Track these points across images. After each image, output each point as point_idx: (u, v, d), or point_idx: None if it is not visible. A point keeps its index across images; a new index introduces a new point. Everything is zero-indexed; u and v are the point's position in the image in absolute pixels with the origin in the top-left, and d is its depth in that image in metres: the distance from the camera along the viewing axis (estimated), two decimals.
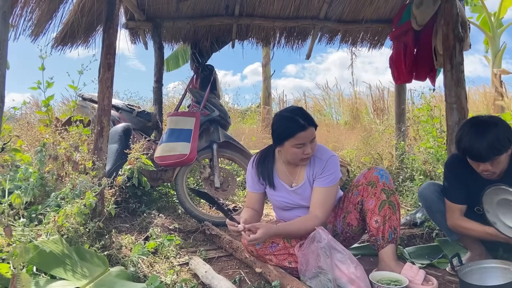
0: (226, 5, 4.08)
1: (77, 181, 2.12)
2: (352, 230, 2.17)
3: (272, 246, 1.98)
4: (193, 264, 2.15)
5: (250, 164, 2.24)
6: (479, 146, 1.80)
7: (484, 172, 1.88)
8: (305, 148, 1.98)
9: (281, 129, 2.00)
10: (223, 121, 3.44)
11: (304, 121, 1.96)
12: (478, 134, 1.82)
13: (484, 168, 1.86)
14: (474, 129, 1.85)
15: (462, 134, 1.89)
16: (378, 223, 2.00)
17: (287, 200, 2.16)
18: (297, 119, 1.96)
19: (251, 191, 2.22)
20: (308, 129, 1.95)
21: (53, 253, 1.68)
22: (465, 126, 1.92)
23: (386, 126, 5.86)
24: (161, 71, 4.24)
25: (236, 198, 4.01)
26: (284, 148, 2.02)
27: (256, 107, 10.36)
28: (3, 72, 1.74)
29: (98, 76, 2.47)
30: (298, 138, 1.96)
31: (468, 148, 1.85)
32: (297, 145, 1.97)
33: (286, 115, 2.03)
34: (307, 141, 1.98)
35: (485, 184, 1.89)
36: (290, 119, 1.98)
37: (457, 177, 2.05)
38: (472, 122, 1.91)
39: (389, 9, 4.35)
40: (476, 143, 1.81)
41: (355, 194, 2.11)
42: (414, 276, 1.84)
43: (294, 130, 1.95)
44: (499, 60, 9.04)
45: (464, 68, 2.87)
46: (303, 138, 1.96)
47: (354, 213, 2.12)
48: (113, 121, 3.35)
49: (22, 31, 3.13)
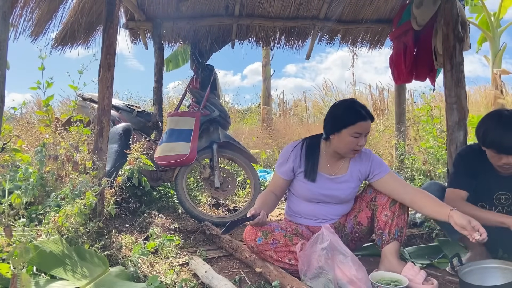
0: (226, 5, 4.08)
1: (77, 181, 2.12)
2: (361, 230, 2.20)
3: (273, 243, 1.99)
4: (193, 264, 2.15)
5: (291, 149, 2.22)
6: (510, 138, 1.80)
7: (505, 165, 1.87)
8: (360, 139, 2.03)
9: (343, 116, 2.05)
10: (223, 121, 3.44)
11: (366, 113, 2.03)
12: (508, 126, 1.82)
13: (506, 162, 1.85)
14: (503, 122, 1.85)
15: (489, 127, 1.89)
16: (387, 217, 2.04)
17: (322, 190, 2.16)
18: (359, 110, 2.03)
19: (280, 176, 2.21)
20: (368, 121, 2.03)
21: (53, 253, 1.68)
22: (491, 120, 1.91)
23: (386, 126, 5.87)
24: (161, 71, 4.24)
25: (236, 198, 4.00)
26: (339, 136, 2.06)
27: (256, 107, 10.36)
28: (3, 72, 1.74)
29: (98, 76, 2.46)
30: (358, 127, 2.00)
31: (498, 140, 1.84)
32: (355, 134, 2.02)
33: (348, 104, 2.10)
34: (364, 132, 2.03)
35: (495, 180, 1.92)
36: (352, 108, 2.05)
37: (467, 166, 2.06)
38: (498, 115, 1.91)
39: (389, 9, 4.35)
40: (507, 135, 1.81)
41: (369, 192, 2.17)
42: (414, 276, 1.84)
43: (356, 118, 2.01)
44: (499, 60, 9.04)
45: (464, 68, 2.88)
46: (362, 128, 2.02)
47: (365, 211, 2.17)
48: (113, 121, 3.34)
49: (22, 31, 3.14)
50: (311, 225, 2.22)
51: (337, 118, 2.07)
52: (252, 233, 2.03)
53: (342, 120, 2.04)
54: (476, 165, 2.01)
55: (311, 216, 2.22)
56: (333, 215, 2.23)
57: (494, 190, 2.01)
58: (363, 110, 2.04)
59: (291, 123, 9.12)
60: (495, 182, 1.98)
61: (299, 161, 2.18)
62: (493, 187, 2.00)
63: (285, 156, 2.21)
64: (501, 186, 1.97)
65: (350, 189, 2.18)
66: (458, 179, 2.07)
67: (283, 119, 9.74)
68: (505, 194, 1.97)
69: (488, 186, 2.01)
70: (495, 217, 1.89)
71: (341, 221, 2.25)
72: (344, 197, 2.19)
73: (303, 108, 10.59)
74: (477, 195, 2.07)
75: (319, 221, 2.21)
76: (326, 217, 2.22)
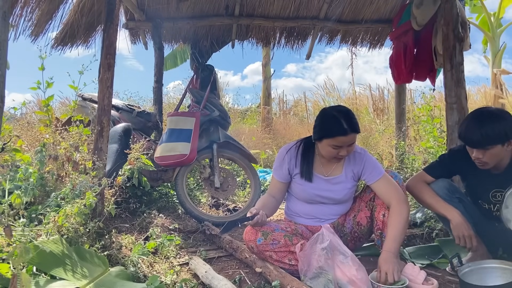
0: (226, 5, 4.08)
1: (77, 181, 2.12)
2: (360, 230, 2.19)
3: (273, 243, 1.99)
4: (193, 264, 2.15)
5: (285, 151, 2.21)
6: (474, 132, 1.84)
7: (476, 160, 1.91)
8: (341, 150, 2.00)
9: (323, 126, 2.02)
10: (223, 121, 3.44)
11: (348, 126, 1.95)
12: (477, 120, 1.86)
13: (476, 156, 1.89)
14: (476, 116, 1.89)
15: (465, 118, 1.96)
16: (385, 216, 2.04)
17: (318, 191, 2.16)
18: (341, 122, 1.95)
19: (277, 179, 2.22)
20: (349, 135, 1.95)
21: (53, 253, 1.67)
22: (471, 113, 1.96)
23: (386, 126, 5.87)
24: (161, 71, 4.24)
25: (236, 198, 4.00)
26: (321, 144, 2.05)
27: (256, 107, 10.36)
28: (3, 72, 1.74)
29: (98, 76, 2.46)
30: (337, 140, 1.97)
31: (463, 132, 1.90)
32: (334, 146, 1.99)
33: (332, 114, 2.02)
34: (345, 145, 1.99)
35: (490, 178, 1.94)
36: (335, 119, 1.97)
37: (452, 161, 2.11)
38: (478, 110, 1.95)
39: (389, 9, 4.35)
40: (472, 128, 1.85)
41: (368, 192, 2.16)
42: (415, 276, 1.84)
43: (335, 132, 1.96)
44: (499, 60, 9.04)
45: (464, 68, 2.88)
46: (342, 142, 1.97)
47: (364, 211, 2.16)
48: (113, 121, 3.34)
49: (22, 31, 3.14)
50: (310, 224, 2.22)
51: (319, 127, 2.04)
52: (252, 233, 2.03)
53: (322, 130, 2.02)
54: (464, 163, 2.03)
55: (309, 216, 2.22)
56: (332, 214, 2.23)
57: (489, 188, 2.02)
58: (347, 122, 1.95)
59: (291, 123, 9.11)
60: (489, 180, 1.99)
61: (295, 163, 2.18)
62: (488, 185, 2.02)
63: (280, 159, 2.21)
64: (496, 184, 1.99)
65: (346, 189, 2.17)
66: (433, 166, 2.16)
67: (283, 119, 9.74)
68: (501, 191, 1.98)
69: (483, 184, 2.02)
70: (440, 209, 1.99)
71: (340, 221, 2.24)
72: (341, 198, 2.19)
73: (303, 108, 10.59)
74: (474, 194, 2.10)
75: (318, 220, 2.21)
76: (324, 217, 2.22)
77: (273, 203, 2.20)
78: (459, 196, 2.09)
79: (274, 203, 2.21)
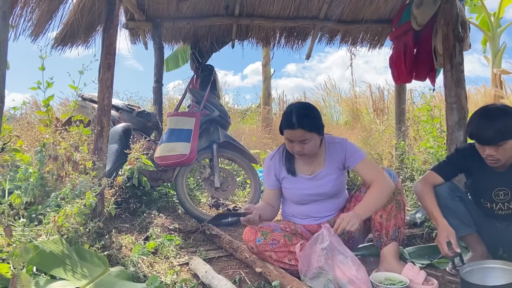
0: (226, 5, 4.08)
1: (77, 181, 2.12)
2: (357, 230, 2.17)
3: (273, 243, 1.99)
4: (193, 264, 2.15)
5: (269, 159, 2.29)
6: (486, 129, 1.83)
7: (488, 157, 1.90)
8: (293, 145, 2.05)
9: (281, 119, 2.10)
10: (223, 121, 3.44)
11: (296, 121, 2.00)
12: (488, 118, 1.86)
13: (488, 153, 1.88)
14: (485, 113, 1.90)
15: (473, 117, 1.94)
16: (383, 217, 2.03)
17: (305, 191, 2.18)
18: (291, 117, 2.02)
19: (269, 188, 2.28)
20: (296, 130, 2.00)
21: (53, 253, 1.67)
22: (478, 111, 1.95)
23: (386, 126, 5.86)
24: (161, 71, 4.24)
25: (236, 198, 4.00)
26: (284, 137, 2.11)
27: (256, 107, 10.35)
28: (3, 72, 1.74)
29: (98, 76, 2.46)
30: (287, 133, 2.05)
31: (475, 130, 1.89)
32: (287, 140, 2.07)
33: (289, 108, 2.09)
34: (295, 140, 2.04)
35: (493, 177, 1.94)
36: (287, 113, 2.06)
37: (460, 159, 2.11)
38: (484, 108, 1.96)
39: (389, 9, 4.35)
40: (484, 126, 1.85)
41: (363, 191, 2.14)
42: (415, 276, 1.84)
43: (283, 125, 2.06)
44: (499, 60, 9.05)
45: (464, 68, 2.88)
46: (291, 136, 2.04)
47: None
48: (113, 121, 3.35)
49: (22, 31, 3.14)
50: (307, 224, 2.22)
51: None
52: (252, 233, 2.03)
53: (280, 123, 2.10)
54: (471, 161, 2.03)
55: (305, 216, 2.23)
56: (327, 211, 2.22)
57: (492, 187, 2.02)
58: (297, 117, 1.99)
59: None
60: (493, 178, 1.99)
61: (280, 167, 2.24)
62: (492, 184, 2.02)
63: (266, 169, 2.29)
64: (500, 182, 1.99)
65: (332, 181, 2.17)
66: (442, 166, 2.15)
67: None
68: (504, 190, 1.98)
69: (486, 183, 2.02)
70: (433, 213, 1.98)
71: (336, 219, 2.23)
72: (330, 191, 2.18)
73: None
74: (477, 192, 2.10)
75: (314, 219, 2.21)
76: (319, 215, 2.21)
77: (271, 209, 2.26)
78: (461, 195, 2.09)
79: (271, 209, 2.27)
